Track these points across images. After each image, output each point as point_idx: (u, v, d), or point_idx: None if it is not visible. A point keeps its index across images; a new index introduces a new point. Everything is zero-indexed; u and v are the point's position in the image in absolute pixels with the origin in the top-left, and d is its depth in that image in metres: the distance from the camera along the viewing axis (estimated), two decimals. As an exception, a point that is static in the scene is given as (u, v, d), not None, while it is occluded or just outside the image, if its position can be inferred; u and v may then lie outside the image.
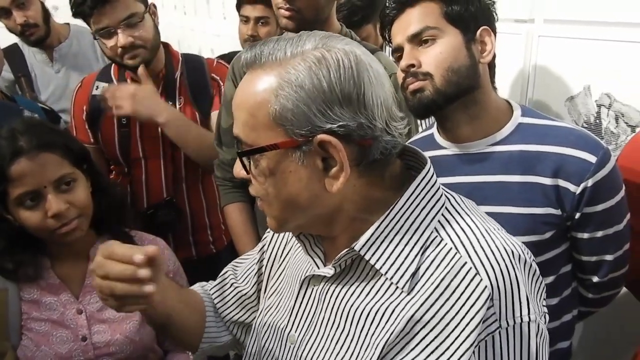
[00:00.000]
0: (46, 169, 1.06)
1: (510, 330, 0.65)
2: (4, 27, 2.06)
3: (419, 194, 0.70)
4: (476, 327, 0.63)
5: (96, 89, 1.59)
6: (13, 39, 2.12)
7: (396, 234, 0.69)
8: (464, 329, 0.64)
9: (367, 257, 0.69)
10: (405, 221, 0.69)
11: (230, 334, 0.97)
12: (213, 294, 0.99)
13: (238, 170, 0.71)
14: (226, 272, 1.00)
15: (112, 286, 0.71)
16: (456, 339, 0.64)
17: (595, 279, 1.12)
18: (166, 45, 1.63)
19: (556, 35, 1.44)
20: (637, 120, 1.30)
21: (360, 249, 0.69)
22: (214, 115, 1.55)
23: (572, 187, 0.99)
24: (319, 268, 0.77)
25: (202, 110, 1.59)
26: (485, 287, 0.64)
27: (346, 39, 0.68)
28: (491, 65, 1.10)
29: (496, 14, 1.10)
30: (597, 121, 1.39)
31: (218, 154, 1.46)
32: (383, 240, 0.69)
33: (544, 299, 0.73)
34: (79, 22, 1.55)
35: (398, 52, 1.06)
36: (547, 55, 1.48)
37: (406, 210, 0.69)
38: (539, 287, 0.71)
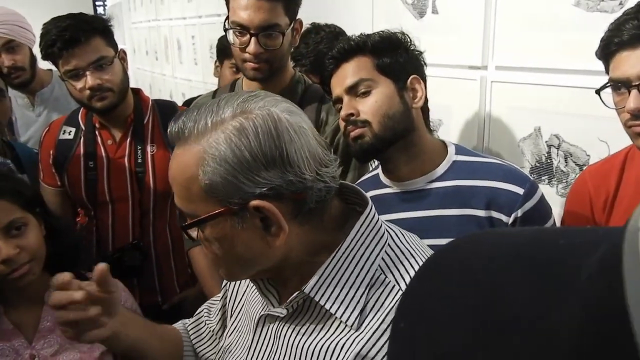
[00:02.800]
0: None
1: None
2: None
3: (362, 233, 0.73)
4: None
5: (63, 133, 1.60)
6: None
7: (342, 274, 0.71)
8: None
9: (316, 298, 0.71)
10: (351, 262, 0.72)
11: None
12: (190, 330, 1.01)
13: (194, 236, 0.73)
14: (202, 309, 1.03)
15: (64, 315, 0.75)
16: None
17: None
18: (137, 91, 1.65)
19: (507, 81, 1.53)
20: (584, 160, 1.38)
21: (310, 291, 0.71)
22: None
23: (504, 218, 1.06)
24: (273, 307, 0.79)
25: None
26: None
27: (266, 98, 0.70)
28: (424, 110, 1.19)
29: (425, 63, 1.20)
30: (548, 160, 1.47)
31: None
32: (331, 282, 0.71)
33: None
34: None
35: (338, 102, 1.14)
36: (500, 99, 1.56)
37: (350, 251, 0.72)
38: None
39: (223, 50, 2.17)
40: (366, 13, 1.99)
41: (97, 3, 10.54)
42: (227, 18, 1.33)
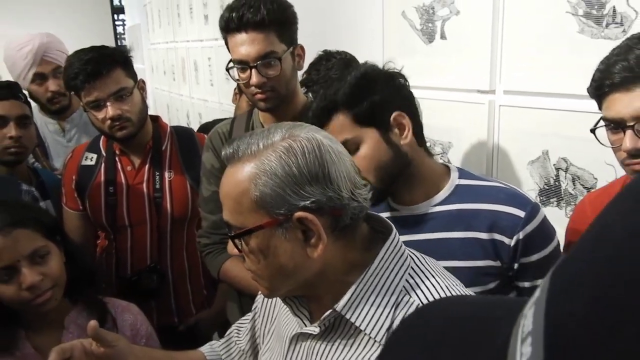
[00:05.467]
0: (19, 244, 1.12)
1: None
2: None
3: (389, 256, 0.81)
4: None
5: (85, 160, 1.67)
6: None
7: (371, 294, 0.79)
8: None
9: (347, 316, 0.79)
10: (379, 282, 0.79)
11: None
12: (220, 351, 1.08)
13: (231, 249, 0.81)
14: (232, 330, 1.11)
15: None
16: None
17: None
18: (156, 118, 1.72)
19: (515, 105, 1.56)
20: (592, 183, 1.40)
21: (342, 309, 0.78)
22: None
23: (506, 240, 1.08)
24: (305, 326, 0.85)
25: (195, 182, 1.64)
26: None
27: (309, 127, 0.80)
28: (416, 129, 1.16)
29: (406, 90, 1.17)
30: (557, 183, 1.49)
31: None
32: (361, 301, 0.79)
33: None
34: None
35: None
36: (509, 123, 1.59)
37: (378, 272, 0.80)
38: None
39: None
40: (377, 39, 2.04)
41: (116, 23, 10.83)
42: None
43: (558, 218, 1.44)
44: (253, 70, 1.31)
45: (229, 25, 1.31)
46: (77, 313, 1.22)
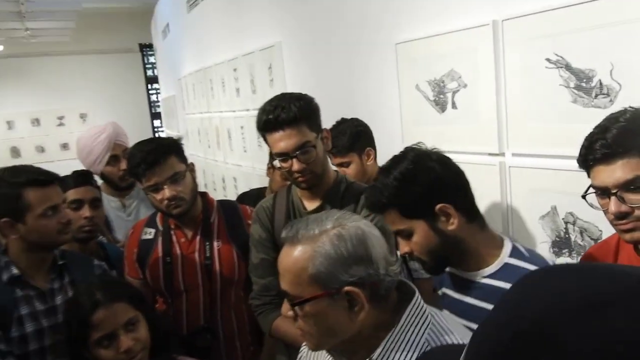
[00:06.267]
0: (118, 315, 1.34)
1: None
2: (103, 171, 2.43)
3: (413, 316, 1.00)
4: None
5: (145, 234, 1.90)
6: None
7: (399, 346, 0.97)
8: None
9: None
10: (405, 336, 0.98)
11: None
12: None
13: (285, 311, 1.01)
14: None
15: None
16: None
17: None
18: (204, 194, 1.95)
19: (524, 166, 1.74)
20: (597, 235, 1.54)
21: (377, 358, 0.97)
22: None
23: None
24: None
25: (241, 248, 1.87)
26: None
27: (353, 216, 1.02)
28: (465, 207, 1.28)
29: (448, 176, 1.28)
30: (566, 236, 1.64)
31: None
32: (390, 352, 0.97)
33: None
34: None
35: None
36: (519, 182, 1.76)
37: (405, 329, 0.98)
38: None
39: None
40: (395, 109, 2.26)
41: (150, 92, 11.48)
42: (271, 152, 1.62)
43: (570, 267, 1.59)
44: (294, 160, 1.54)
45: (267, 126, 1.54)
46: None
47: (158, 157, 1.72)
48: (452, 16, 1.93)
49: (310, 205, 1.66)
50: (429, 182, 1.23)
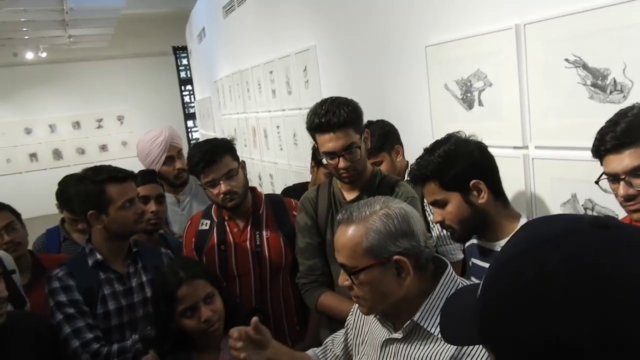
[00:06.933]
0: (198, 290, 1.56)
1: None
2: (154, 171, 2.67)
3: (446, 284, 1.21)
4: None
5: (201, 225, 2.13)
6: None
7: (436, 309, 1.17)
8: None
9: (421, 323, 1.17)
10: (440, 301, 1.18)
11: None
12: (319, 354, 1.49)
13: (342, 281, 1.20)
14: (327, 341, 1.52)
15: (235, 353, 1.30)
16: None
17: None
18: (253, 189, 2.16)
19: (546, 157, 1.89)
20: (614, 219, 1.69)
21: (417, 319, 1.17)
22: None
23: None
24: (392, 334, 1.23)
25: (287, 237, 2.08)
26: None
27: (396, 200, 1.22)
28: (494, 187, 1.50)
29: (483, 158, 1.53)
30: (586, 221, 1.79)
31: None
32: (429, 313, 1.17)
33: None
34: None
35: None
36: (542, 172, 1.91)
37: (440, 294, 1.19)
38: None
39: (317, 159, 2.55)
40: (425, 107, 2.43)
41: (183, 93, 11.83)
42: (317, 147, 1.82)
43: (590, 249, 1.73)
44: (340, 158, 1.74)
45: (319, 128, 1.74)
46: (228, 339, 1.62)
47: (215, 156, 1.94)
48: (478, 21, 2.09)
49: (350, 195, 1.85)
50: (466, 161, 1.47)
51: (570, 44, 1.71)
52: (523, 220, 1.52)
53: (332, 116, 1.70)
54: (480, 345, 1.04)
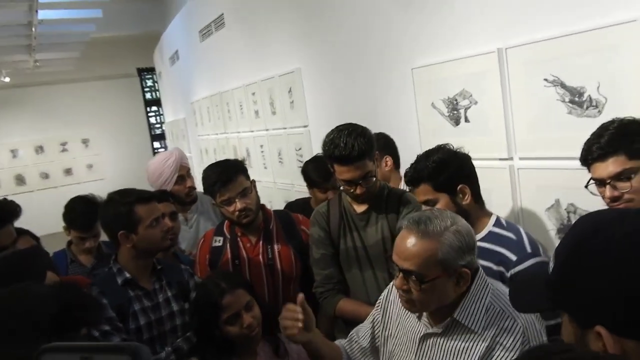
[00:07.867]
0: (240, 299, 1.70)
1: None
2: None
3: (479, 285, 1.37)
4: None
5: (215, 242, 2.24)
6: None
7: (472, 306, 1.34)
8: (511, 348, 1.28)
9: (460, 319, 1.33)
10: (475, 300, 1.34)
11: None
12: (345, 345, 1.62)
13: (401, 285, 1.33)
14: (353, 333, 1.65)
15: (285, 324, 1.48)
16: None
17: None
18: (262, 206, 2.29)
19: (530, 167, 2.10)
20: (594, 220, 1.90)
21: (457, 316, 1.34)
22: None
23: (506, 273, 1.62)
24: (430, 329, 1.39)
25: (296, 249, 2.22)
26: (520, 326, 1.29)
27: (458, 217, 1.36)
28: (475, 191, 1.75)
29: (468, 166, 1.77)
30: (569, 223, 1.99)
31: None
32: (466, 310, 1.34)
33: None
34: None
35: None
36: (527, 181, 2.12)
37: (475, 294, 1.35)
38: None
39: (309, 181, 2.72)
40: (413, 123, 2.62)
41: (149, 115, 11.76)
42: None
43: (574, 248, 1.94)
44: (358, 186, 1.89)
45: (338, 160, 1.87)
46: (263, 344, 1.77)
47: (230, 175, 2.07)
48: (462, 45, 2.30)
49: (359, 208, 2.01)
50: (456, 168, 1.72)
51: (549, 65, 1.93)
52: (494, 218, 1.77)
53: (352, 150, 1.82)
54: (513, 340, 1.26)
